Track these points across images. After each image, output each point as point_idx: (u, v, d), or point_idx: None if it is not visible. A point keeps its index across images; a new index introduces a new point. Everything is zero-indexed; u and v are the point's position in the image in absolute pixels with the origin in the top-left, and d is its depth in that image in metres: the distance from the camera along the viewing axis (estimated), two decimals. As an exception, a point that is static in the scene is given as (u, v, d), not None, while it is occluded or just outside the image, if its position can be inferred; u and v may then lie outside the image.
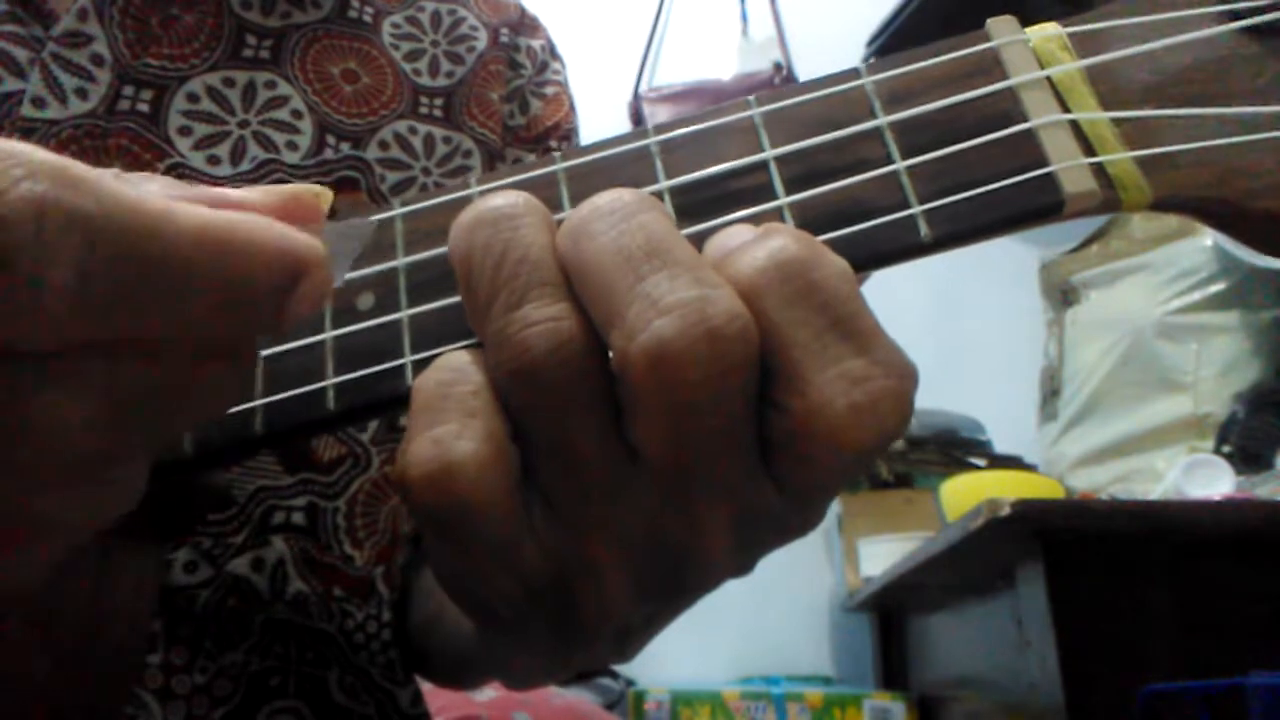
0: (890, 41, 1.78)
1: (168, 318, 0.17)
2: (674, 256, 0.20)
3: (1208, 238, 1.35)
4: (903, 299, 1.72)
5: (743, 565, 0.23)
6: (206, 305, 0.17)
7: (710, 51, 1.97)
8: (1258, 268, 1.26)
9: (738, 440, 0.20)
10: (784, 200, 0.23)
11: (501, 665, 0.38)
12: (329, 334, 0.24)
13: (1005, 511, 0.86)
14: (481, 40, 0.50)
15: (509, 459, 0.20)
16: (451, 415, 0.20)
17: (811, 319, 0.20)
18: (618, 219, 0.20)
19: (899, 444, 1.52)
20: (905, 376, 0.20)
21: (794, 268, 0.20)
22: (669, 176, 0.24)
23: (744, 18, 1.98)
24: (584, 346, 0.20)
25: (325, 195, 0.20)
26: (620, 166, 0.24)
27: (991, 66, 0.24)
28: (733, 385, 0.19)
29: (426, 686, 0.48)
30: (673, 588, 0.23)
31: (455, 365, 0.21)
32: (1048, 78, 0.24)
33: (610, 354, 0.20)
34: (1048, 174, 0.23)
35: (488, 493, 0.20)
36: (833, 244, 0.22)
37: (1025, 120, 0.23)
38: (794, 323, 0.20)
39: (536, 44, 0.53)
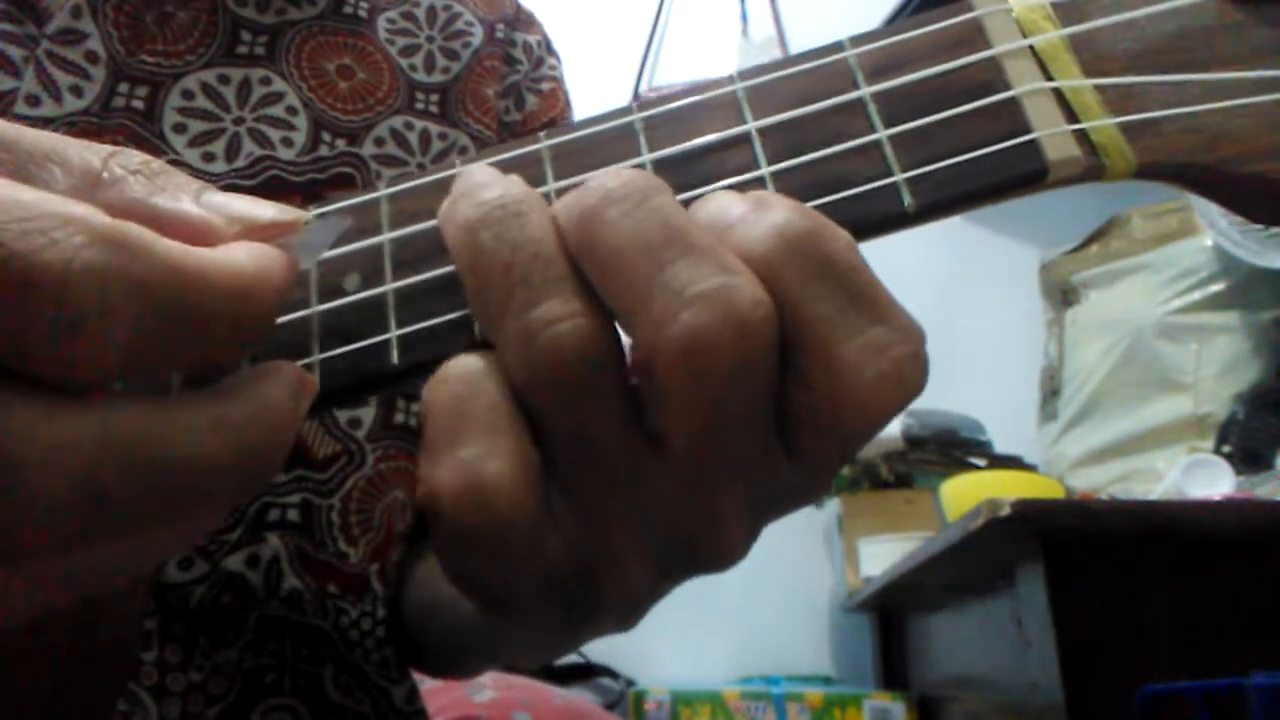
0: (890, 42, 1.78)
1: (193, 353, 0.18)
2: (691, 242, 0.20)
3: (1208, 238, 1.35)
4: (903, 298, 1.71)
5: (752, 537, 0.23)
6: (221, 339, 0.18)
7: (710, 51, 1.97)
8: (1258, 268, 1.25)
9: (758, 421, 0.20)
10: (766, 170, 0.23)
11: (508, 648, 0.37)
12: (315, 309, 0.24)
13: (1005, 511, 0.86)
14: (477, 36, 0.50)
15: (536, 468, 0.20)
16: (475, 435, 0.20)
17: (831, 292, 0.20)
18: (631, 205, 0.20)
19: (899, 444, 1.51)
20: (920, 339, 0.21)
21: (806, 242, 0.20)
22: (653, 152, 0.24)
23: (744, 18, 1.98)
24: (606, 337, 0.20)
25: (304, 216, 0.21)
26: (605, 143, 0.24)
27: (974, 36, 0.24)
28: (759, 370, 0.19)
29: (425, 686, 0.47)
30: (688, 563, 0.23)
31: (465, 376, 0.21)
32: (1030, 46, 0.24)
33: (631, 344, 0.20)
34: (1031, 141, 0.23)
35: (520, 509, 0.20)
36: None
37: (1008, 88, 0.23)
38: (814, 298, 0.20)
39: (532, 39, 0.53)
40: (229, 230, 0.19)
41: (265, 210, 0.20)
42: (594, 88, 1.66)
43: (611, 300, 0.20)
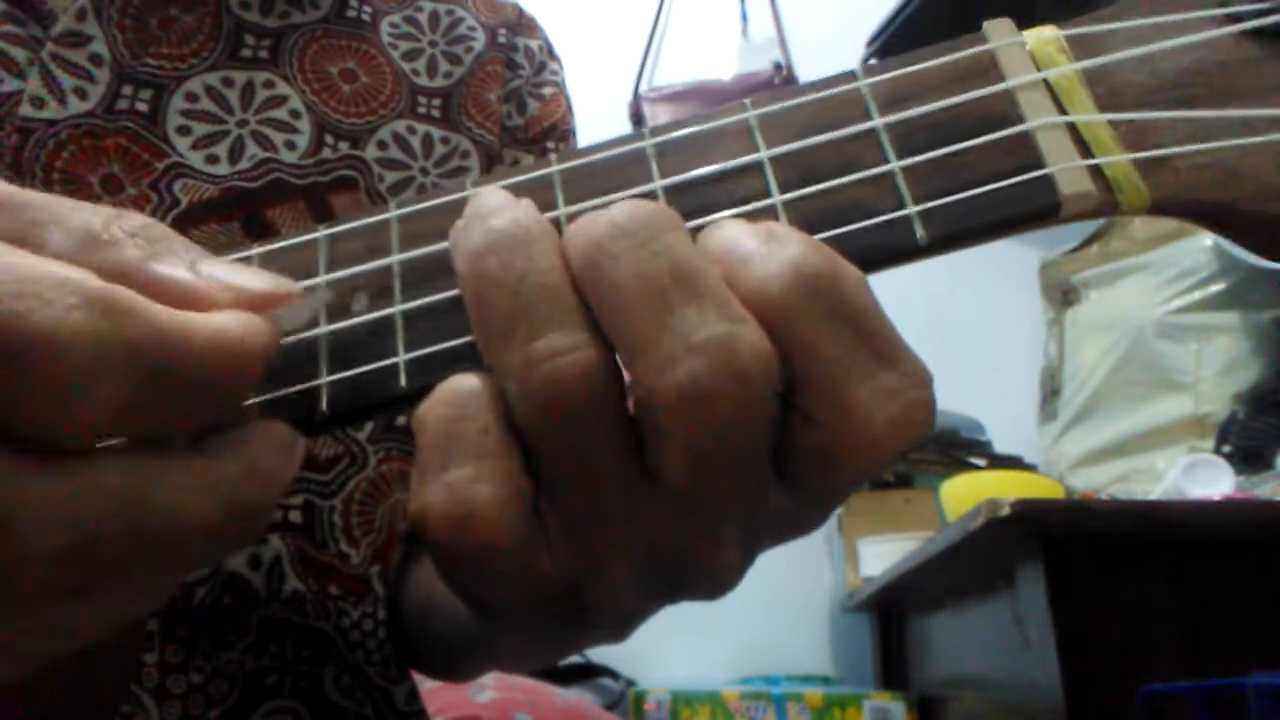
0: (890, 42, 1.78)
1: (182, 410, 0.19)
2: (700, 285, 0.20)
3: (1208, 238, 1.35)
4: (903, 299, 1.72)
5: (746, 565, 0.24)
6: (209, 398, 0.19)
7: (710, 51, 1.97)
8: (1258, 268, 1.26)
9: (755, 462, 0.21)
10: (779, 200, 0.23)
11: (501, 653, 0.38)
12: (323, 329, 0.24)
13: (1005, 511, 0.86)
14: (479, 41, 0.50)
15: (525, 495, 0.21)
16: (464, 457, 0.20)
17: (843, 334, 0.20)
18: (638, 242, 0.20)
19: (899, 444, 1.52)
20: (929, 384, 0.21)
21: (820, 281, 0.20)
22: (664, 178, 0.24)
23: (744, 18, 1.98)
24: (607, 372, 0.20)
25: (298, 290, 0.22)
26: (616, 168, 0.24)
27: (988, 68, 0.24)
28: (757, 419, 0.20)
29: (425, 686, 0.48)
30: (680, 590, 0.23)
31: (460, 399, 0.21)
32: (1045, 80, 0.24)
33: (631, 382, 0.20)
34: (1044, 175, 0.23)
35: (506, 534, 0.20)
36: (828, 245, 0.22)
37: (1022, 122, 0.23)
38: (826, 339, 0.20)
39: (534, 44, 0.53)
40: (221, 298, 0.20)
41: (258, 281, 0.21)
42: (594, 87, 1.66)
43: (614, 335, 0.20)
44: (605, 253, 0.20)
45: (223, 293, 0.20)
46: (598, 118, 0.84)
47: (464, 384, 0.21)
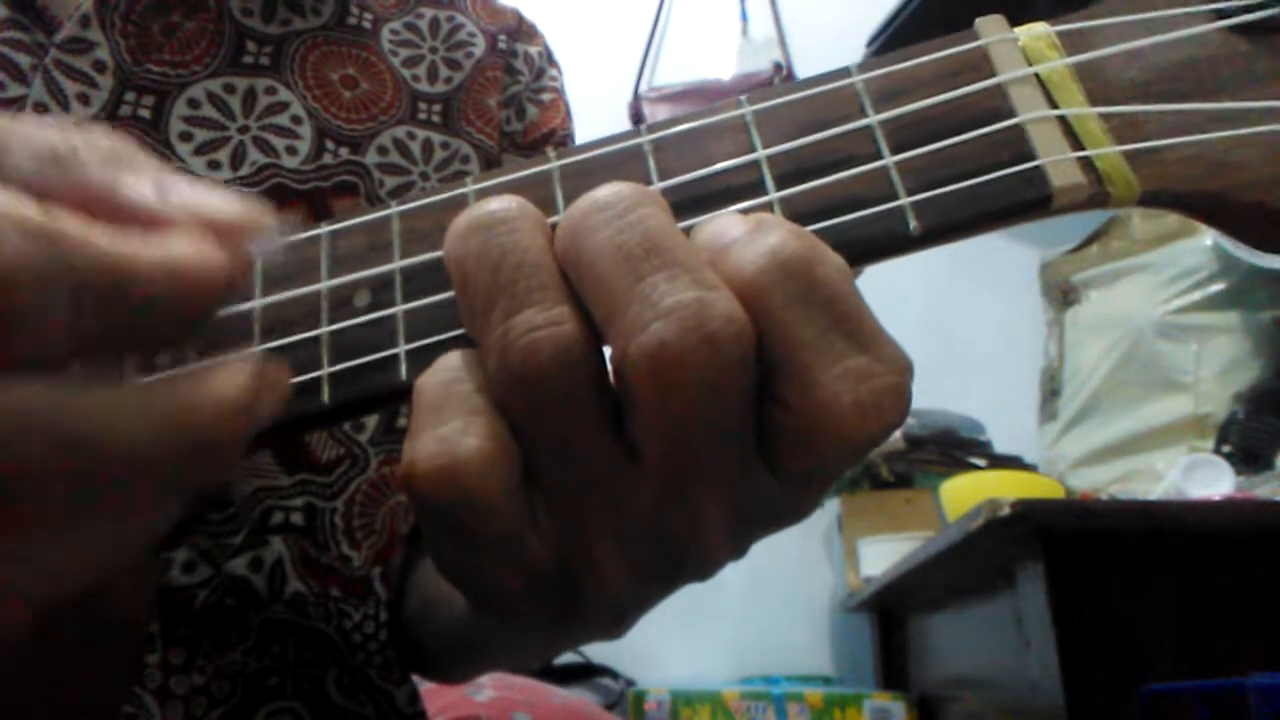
0: (890, 41, 1.78)
1: (133, 342, 0.19)
2: (672, 255, 0.20)
3: (1208, 238, 1.35)
4: (903, 298, 1.72)
5: (738, 550, 0.24)
6: (160, 328, 0.19)
7: (710, 51, 1.97)
8: (1258, 268, 1.26)
9: (735, 437, 0.21)
10: (774, 196, 0.23)
11: (498, 649, 0.38)
12: (325, 329, 0.24)
13: (1005, 511, 0.86)
14: (479, 47, 0.50)
15: (513, 455, 0.21)
16: (456, 413, 0.21)
17: (816, 317, 0.20)
18: (615, 214, 0.21)
19: (899, 444, 1.52)
20: (905, 371, 0.21)
21: (796, 265, 0.20)
22: (661, 174, 0.24)
23: (744, 18, 1.98)
24: (585, 347, 0.20)
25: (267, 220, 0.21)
26: (614, 165, 0.24)
27: (980, 64, 0.24)
28: (729, 386, 0.20)
29: (425, 687, 0.48)
30: (670, 574, 0.23)
31: (456, 365, 0.21)
32: (1036, 74, 0.24)
33: (609, 352, 0.20)
34: (1036, 167, 0.23)
35: (492, 489, 0.20)
36: (822, 237, 0.22)
37: (1014, 116, 0.24)
38: (799, 321, 0.20)
39: (534, 50, 0.53)
40: (185, 223, 0.19)
41: (226, 207, 0.20)
42: (594, 87, 1.66)
43: (591, 306, 0.20)
44: (584, 226, 0.21)
45: (187, 218, 0.19)
46: (598, 118, 0.84)
47: (459, 355, 0.22)
